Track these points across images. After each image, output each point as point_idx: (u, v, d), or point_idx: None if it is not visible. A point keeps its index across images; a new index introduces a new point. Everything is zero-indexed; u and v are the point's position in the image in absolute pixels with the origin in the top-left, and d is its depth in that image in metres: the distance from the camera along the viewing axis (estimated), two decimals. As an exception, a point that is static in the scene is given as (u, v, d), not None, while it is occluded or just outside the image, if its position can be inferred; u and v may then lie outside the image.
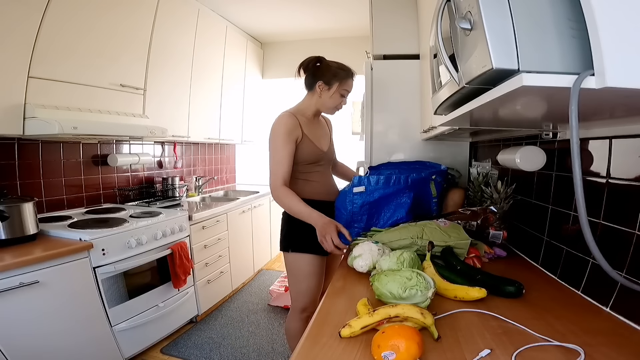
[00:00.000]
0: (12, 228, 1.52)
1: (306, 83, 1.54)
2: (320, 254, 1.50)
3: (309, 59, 1.51)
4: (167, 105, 2.62)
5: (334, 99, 1.51)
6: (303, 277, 1.52)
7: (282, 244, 1.57)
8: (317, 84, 1.49)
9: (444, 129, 1.32)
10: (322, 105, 1.53)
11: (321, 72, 1.49)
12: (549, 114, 0.86)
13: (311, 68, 1.51)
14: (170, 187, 2.86)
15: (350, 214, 1.41)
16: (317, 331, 0.80)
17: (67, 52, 1.85)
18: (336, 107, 1.55)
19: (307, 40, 4.03)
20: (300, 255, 1.51)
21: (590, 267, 0.93)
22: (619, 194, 0.84)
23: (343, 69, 1.50)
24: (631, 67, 0.47)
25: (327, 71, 1.48)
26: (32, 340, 1.44)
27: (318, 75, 1.49)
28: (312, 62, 1.51)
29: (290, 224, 1.54)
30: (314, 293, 1.54)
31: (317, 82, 1.49)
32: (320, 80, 1.48)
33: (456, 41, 0.70)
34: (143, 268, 1.94)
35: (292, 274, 1.56)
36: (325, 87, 1.48)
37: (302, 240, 1.50)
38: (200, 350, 2.14)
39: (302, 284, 1.53)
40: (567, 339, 0.72)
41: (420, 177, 1.46)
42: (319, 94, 1.50)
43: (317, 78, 1.49)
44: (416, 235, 1.22)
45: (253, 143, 4.11)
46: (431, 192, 1.52)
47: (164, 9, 2.50)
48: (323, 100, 1.51)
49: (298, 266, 1.53)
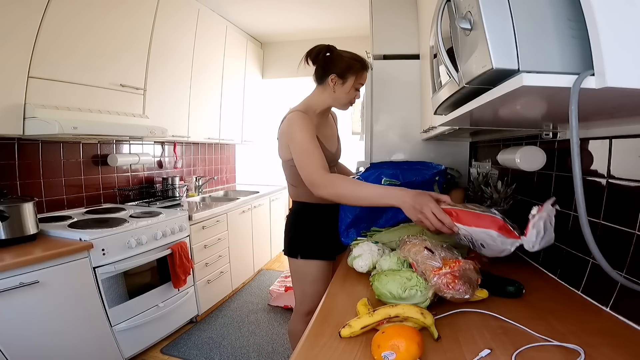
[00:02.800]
0: (12, 228, 1.52)
1: (316, 74, 1.39)
2: (328, 259, 1.46)
3: (318, 48, 1.35)
4: (167, 105, 2.63)
5: (350, 95, 1.37)
6: (311, 282, 1.46)
7: (289, 249, 1.48)
8: (330, 78, 1.34)
9: (444, 129, 1.32)
10: (336, 101, 1.39)
11: (333, 63, 1.34)
12: (549, 114, 0.86)
13: (321, 59, 1.35)
14: (170, 187, 2.86)
15: (355, 217, 1.40)
16: (317, 331, 0.79)
17: (67, 52, 1.85)
18: (350, 103, 1.42)
19: (307, 40, 4.02)
20: (309, 261, 1.44)
21: (590, 267, 0.93)
22: (619, 194, 0.84)
23: (358, 60, 1.35)
24: (631, 67, 0.47)
25: (340, 62, 1.33)
26: (32, 340, 1.44)
27: (330, 68, 1.34)
28: (322, 51, 1.35)
29: (297, 228, 1.48)
30: (320, 296, 1.51)
31: (329, 75, 1.34)
32: (333, 73, 1.33)
33: (456, 41, 0.70)
34: (143, 268, 1.94)
35: (298, 279, 1.50)
36: (340, 81, 1.34)
37: (312, 246, 1.44)
38: (200, 350, 2.14)
39: (309, 288, 1.47)
40: (567, 339, 0.72)
41: (425, 180, 1.47)
42: (332, 88, 1.35)
43: (329, 71, 1.34)
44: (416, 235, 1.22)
45: (253, 143, 4.11)
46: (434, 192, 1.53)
47: (164, 9, 2.50)
48: (337, 95, 1.36)
49: (306, 272, 1.45)
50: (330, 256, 1.46)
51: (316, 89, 1.42)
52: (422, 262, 0.90)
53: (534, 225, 0.82)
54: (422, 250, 0.93)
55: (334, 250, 1.48)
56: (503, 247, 0.86)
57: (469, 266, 0.87)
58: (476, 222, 0.89)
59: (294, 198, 1.51)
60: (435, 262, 0.88)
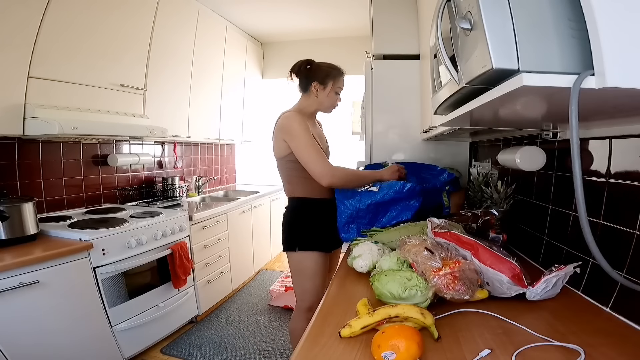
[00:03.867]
0: (12, 228, 1.52)
1: (301, 85, 1.58)
2: (325, 251, 1.55)
3: (299, 63, 1.56)
4: (167, 106, 2.63)
5: (331, 98, 1.56)
6: (310, 276, 1.53)
7: (287, 245, 1.57)
8: (312, 85, 1.53)
9: (444, 129, 1.32)
10: (320, 105, 1.57)
11: (313, 73, 1.54)
12: (549, 114, 0.86)
13: (303, 71, 1.56)
14: (170, 187, 2.86)
15: (356, 210, 1.42)
16: (317, 331, 0.79)
17: (67, 52, 1.85)
18: (332, 106, 1.60)
19: (307, 40, 4.04)
20: (307, 253, 1.52)
21: (590, 267, 0.93)
22: (619, 194, 0.84)
23: (334, 68, 1.56)
24: (631, 67, 0.47)
25: (320, 71, 1.54)
26: (32, 340, 1.44)
27: (311, 77, 1.54)
28: (303, 65, 1.56)
29: (293, 224, 1.56)
30: (320, 292, 1.55)
31: (311, 83, 1.53)
32: (314, 80, 1.53)
33: (456, 41, 0.70)
34: (143, 268, 1.94)
35: (298, 274, 1.57)
36: (321, 86, 1.53)
37: (308, 238, 1.53)
38: (200, 350, 2.14)
39: (308, 283, 1.54)
40: (567, 339, 0.72)
41: (435, 187, 1.49)
42: (315, 94, 1.54)
43: (311, 79, 1.53)
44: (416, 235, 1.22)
45: (253, 143, 4.11)
46: (444, 202, 1.53)
47: (164, 9, 2.50)
48: (320, 99, 1.55)
49: (305, 265, 1.53)
50: (327, 248, 1.55)
51: (302, 98, 1.60)
52: (422, 263, 0.90)
53: (546, 280, 0.86)
54: (422, 251, 0.93)
55: (330, 243, 1.57)
56: (507, 291, 0.90)
57: (468, 267, 0.87)
58: (494, 263, 0.91)
59: (290, 195, 1.59)
60: (435, 262, 0.88)
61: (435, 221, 1.16)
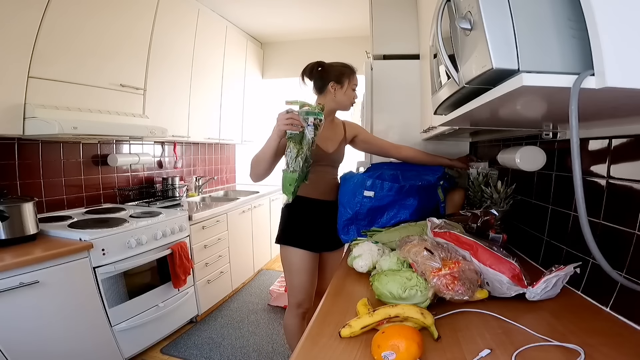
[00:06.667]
0: (12, 228, 1.52)
1: (316, 87, 1.59)
2: (310, 251, 1.56)
3: (310, 65, 1.56)
4: (167, 105, 2.62)
5: (348, 95, 1.57)
6: (295, 272, 1.57)
7: (277, 237, 1.63)
8: (330, 85, 1.54)
9: (444, 129, 1.32)
10: (339, 104, 1.58)
11: (328, 73, 1.55)
12: (549, 114, 0.86)
13: (316, 73, 1.56)
14: (170, 187, 2.86)
15: (355, 214, 1.45)
16: (317, 331, 0.79)
17: (67, 52, 1.85)
18: (351, 103, 1.62)
19: (307, 40, 4.03)
20: (291, 249, 1.56)
21: (590, 267, 0.93)
22: (619, 194, 0.84)
23: (346, 66, 1.58)
24: (631, 67, 0.47)
25: (333, 71, 1.55)
26: (32, 340, 1.44)
27: (326, 78, 1.54)
28: (315, 67, 1.56)
29: (287, 219, 1.60)
30: (306, 289, 1.58)
31: (328, 83, 1.54)
32: (331, 81, 1.54)
33: (456, 41, 0.70)
34: (143, 268, 1.94)
35: (286, 269, 1.61)
36: (338, 86, 1.55)
37: (295, 235, 1.56)
38: (200, 350, 2.14)
39: (295, 279, 1.58)
40: (567, 339, 0.72)
41: (430, 184, 1.49)
42: (333, 94, 1.55)
43: (327, 80, 1.54)
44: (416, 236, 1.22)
45: (253, 143, 4.11)
46: (439, 196, 1.54)
47: (164, 9, 2.50)
48: (339, 98, 1.56)
49: (290, 261, 1.57)
50: (313, 248, 1.57)
51: (318, 99, 1.60)
52: (421, 263, 0.90)
53: (546, 280, 0.86)
54: (422, 251, 0.93)
55: (320, 244, 1.59)
56: (507, 291, 0.90)
57: (468, 267, 0.87)
58: (493, 263, 0.91)
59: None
60: (434, 263, 0.88)
61: (435, 221, 1.16)
